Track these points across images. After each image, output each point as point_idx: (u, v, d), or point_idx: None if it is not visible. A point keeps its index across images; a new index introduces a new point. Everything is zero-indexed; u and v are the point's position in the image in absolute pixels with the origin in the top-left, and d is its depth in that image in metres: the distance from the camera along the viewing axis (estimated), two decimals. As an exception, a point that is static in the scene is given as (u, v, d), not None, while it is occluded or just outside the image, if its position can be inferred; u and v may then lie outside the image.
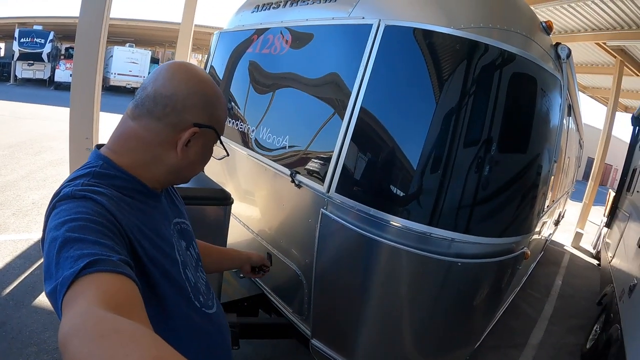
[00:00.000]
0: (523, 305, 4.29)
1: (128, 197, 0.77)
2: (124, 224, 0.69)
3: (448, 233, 1.54)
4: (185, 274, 0.84)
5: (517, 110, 1.65)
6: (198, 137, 0.82)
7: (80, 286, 0.53)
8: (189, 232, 0.98)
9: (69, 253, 0.57)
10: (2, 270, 3.25)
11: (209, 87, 0.84)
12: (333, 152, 1.72)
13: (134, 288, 0.57)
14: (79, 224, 0.62)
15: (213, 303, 0.96)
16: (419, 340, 1.86)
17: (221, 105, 0.86)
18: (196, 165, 0.87)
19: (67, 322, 0.47)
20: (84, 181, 0.73)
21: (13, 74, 21.86)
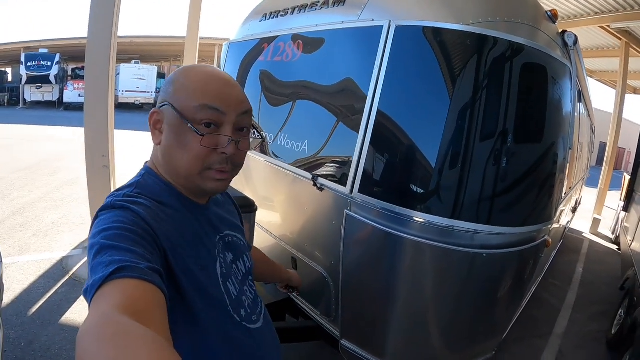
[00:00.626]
0: (545, 294, 4.27)
1: (166, 206, 0.79)
2: (159, 234, 0.71)
3: (471, 225, 1.57)
4: (225, 286, 0.84)
5: (530, 101, 1.68)
6: (162, 120, 0.80)
7: (105, 290, 0.56)
8: (238, 246, 0.97)
9: (102, 259, 0.60)
10: (26, 290, 3.32)
11: (179, 70, 0.83)
12: (353, 154, 1.76)
13: (158, 296, 0.59)
14: (114, 232, 0.65)
15: (259, 319, 0.94)
16: (448, 335, 1.87)
17: (178, 81, 0.79)
18: (172, 150, 0.79)
19: (86, 322, 0.50)
20: (126, 192, 0.77)
21: (22, 97, 22.23)
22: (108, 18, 3.55)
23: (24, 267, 3.72)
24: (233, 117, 0.79)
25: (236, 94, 0.80)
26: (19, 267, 3.71)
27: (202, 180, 0.80)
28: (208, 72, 0.80)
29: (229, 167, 0.81)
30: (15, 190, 6.07)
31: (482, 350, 2.10)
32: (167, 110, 0.78)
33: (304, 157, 2.09)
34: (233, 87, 0.81)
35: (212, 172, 0.80)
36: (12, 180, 6.57)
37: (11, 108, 21.06)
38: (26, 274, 3.58)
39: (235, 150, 0.80)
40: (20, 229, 4.62)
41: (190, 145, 0.76)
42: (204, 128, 0.76)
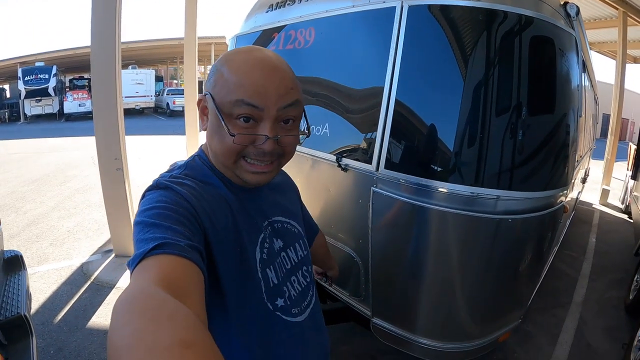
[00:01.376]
0: (562, 265, 4.32)
1: (211, 187, 0.80)
2: (201, 213, 0.72)
3: (493, 191, 1.62)
4: (264, 272, 0.83)
5: (542, 71, 1.71)
6: (206, 106, 0.80)
7: (144, 265, 0.57)
8: (291, 233, 0.96)
9: (145, 236, 0.62)
10: (50, 299, 3.36)
11: (224, 55, 0.80)
12: (376, 132, 1.80)
13: (195, 273, 0.59)
14: (157, 211, 0.67)
15: (302, 312, 0.91)
16: (476, 305, 1.92)
17: (225, 70, 0.75)
18: (212, 138, 0.78)
19: (123, 293, 0.50)
20: (174, 173, 0.79)
21: (22, 112, 22.26)
22: (111, 23, 3.59)
23: (44, 276, 3.76)
24: (273, 112, 0.74)
25: (277, 85, 0.74)
26: (40, 276, 3.75)
27: (239, 171, 0.79)
28: (250, 62, 0.74)
29: (268, 158, 0.78)
30: (27, 202, 6.12)
31: (509, 319, 2.15)
32: (209, 100, 0.77)
33: (326, 140, 2.13)
34: (276, 76, 0.75)
35: (248, 163, 0.78)
36: (23, 193, 6.63)
37: (12, 124, 21.10)
38: (48, 283, 3.63)
39: (275, 146, 0.77)
40: (36, 239, 4.67)
41: (226, 139, 0.75)
42: (241, 123, 0.74)
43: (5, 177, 7.85)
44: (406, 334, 1.97)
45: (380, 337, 2.08)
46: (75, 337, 2.81)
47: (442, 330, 1.94)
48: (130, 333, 0.42)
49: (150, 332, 0.42)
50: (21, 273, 2.34)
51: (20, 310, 1.93)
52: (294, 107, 0.78)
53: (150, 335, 0.41)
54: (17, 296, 2.08)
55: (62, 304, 3.29)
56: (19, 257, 2.47)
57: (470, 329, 1.98)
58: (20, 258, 2.46)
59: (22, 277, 2.29)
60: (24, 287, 2.19)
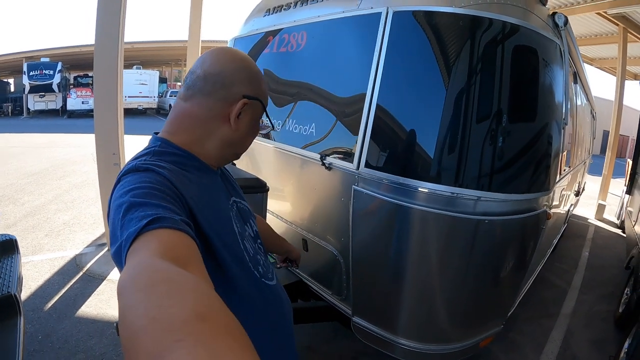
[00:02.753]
0: (552, 277, 4.34)
1: (186, 171, 0.82)
2: (185, 194, 0.73)
3: (473, 192, 1.65)
4: (243, 244, 0.88)
5: (526, 78, 1.76)
6: (247, 109, 0.87)
7: (142, 241, 0.56)
8: (246, 211, 1.03)
9: (133, 215, 0.60)
10: (42, 287, 3.40)
11: (252, 64, 0.91)
12: (358, 131, 1.84)
13: (193, 244, 0.60)
14: (142, 191, 0.66)
15: (273, 276, 0.99)
16: (457, 307, 1.94)
17: (263, 80, 0.92)
18: (247, 137, 0.93)
19: (125, 271, 0.49)
20: (146, 158, 0.79)
21: (26, 107, 22.36)
22: (114, 23, 3.65)
23: (38, 265, 3.81)
24: None
25: None
26: (34, 265, 3.80)
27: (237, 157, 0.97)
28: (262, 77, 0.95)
29: None
30: (26, 194, 6.16)
31: (491, 325, 2.17)
32: (257, 105, 0.90)
33: (311, 139, 2.17)
34: None
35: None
36: (22, 186, 6.67)
37: (15, 118, 21.20)
38: (41, 272, 3.67)
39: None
40: (32, 230, 4.71)
41: (257, 132, 0.95)
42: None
43: (5, 170, 7.89)
44: (386, 335, 1.99)
45: (360, 337, 2.10)
46: (64, 325, 2.85)
47: (422, 331, 1.96)
48: (143, 313, 0.40)
49: (165, 308, 0.40)
50: (14, 256, 2.39)
51: (11, 290, 1.97)
52: None
53: (164, 312, 0.40)
54: (9, 277, 2.11)
55: (53, 292, 3.33)
56: (14, 240, 2.51)
57: (450, 331, 2.00)
58: (14, 242, 2.50)
59: (15, 260, 2.33)
60: (17, 269, 2.23)
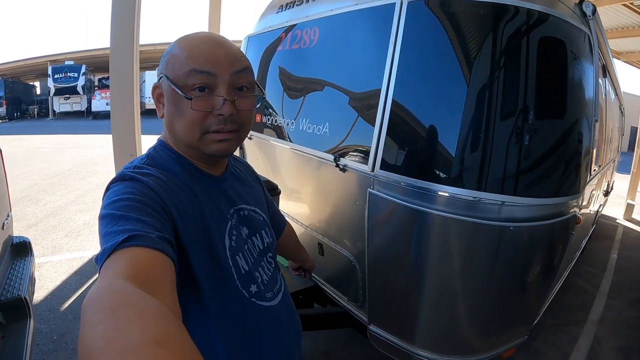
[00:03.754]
0: (579, 281, 4.16)
1: (176, 177, 0.80)
2: (168, 203, 0.72)
3: (497, 196, 1.53)
4: (234, 259, 0.84)
5: (553, 70, 1.63)
6: (162, 92, 0.81)
7: (114, 259, 0.55)
8: (256, 220, 0.96)
9: (113, 229, 0.60)
10: (60, 287, 3.47)
11: (174, 44, 0.81)
12: (373, 130, 1.75)
13: (167, 266, 0.59)
14: (124, 203, 0.66)
15: (275, 296, 0.93)
16: (478, 317, 1.83)
17: (175, 49, 0.79)
18: (172, 120, 0.80)
19: (92, 290, 0.49)
20: (137, 164, 0.79)
21: (51, 109, 23.05)
22: (129, 26, 3.66)
23: (56, 265, 3.88)
24: (227, 77, 0.77)
25: (227, 53, 0.78)
26: (52, 265, 3.87)
27: (203, 145, 0.80)
28: (198, 38, 0.79)
29: (229, 127, 0.79)
30: (48, 195, 6.31)
31: (514, 335, 2.05)
32: (163, 82, 0.79)
33: (325, 140, 2.09)
34: (224, 47, 0.79)
35: (211, 134, 0.79)
36: (44, 186, 6.84)
37: (41, 119, 21.88)
38: (59, 272, 3.74)
39: (233, 110, 0.78)
40: (52, 230, 4.81)
41: (185, 112, 0.76)
42: (196, 92, 0.76)
43: (29, 170, 8.11)
44: (404, 344, 1.90)
45: (377, 346, 2.02)
46: (79, 325, 2.86)
47: (441, 342, 1.86)
48: (101, 335, 0.40)
49: (122, 332, 0.40)
50: (28, 258, 2.42)
51: (21, 292, 1.98)
52: (246, 73, 0.81)
53: (122, 336, 0.40)
54: (20, 279, 2.14)
55: (70, 293, 3.38)
56: (27, 243, 2.54)
57: (471, 342, 1.89)
58: (28, 244, 2.54)
59: (28, 262, 2.36)
60: (29, 271, 2.25)
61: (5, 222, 2.28)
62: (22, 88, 25.76)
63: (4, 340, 1.70)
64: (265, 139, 2.74)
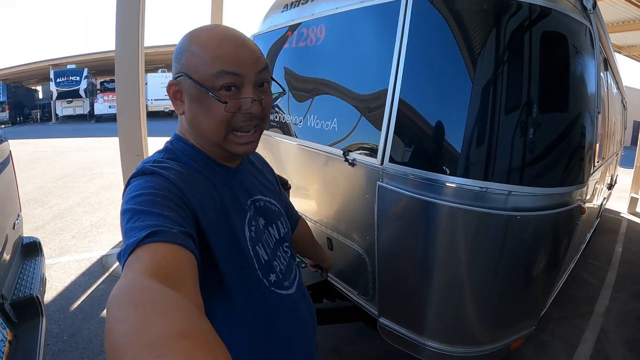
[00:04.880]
0: (584, 274, 4.18)
1: (195, 170, 0.81)
2: (190, 197, 0.72)
3: (504, 186, 1.56)
4: (254, 249, 0.85)
5: (557, 62, 1.66)
6: (181, 90, 0.81)
7: (137, 255, 0.56)
8: (272, 211, 0.97)
9: (135, 224, 0.61)
10: (68, 288, 3.50)
11: (183, 38, 0.81)
12: (382, 124, 1.78)
13: (189, 260, 0.60)
14: (146, 198, 0.66)
15: (292, 284, 0.95)
16: (487, 307, 1.86)
17: (189, 51, 0.78)
18: (198, 118, 0.80)
19: (116, 287, 0.50)
20: (156, 158, 0.80)
21: (54, 113, 23.09)
22: (134, 29, 3.70)
23: (65, 266, 3.92)
24: (252, 77, 0.78)
25: (251, 53, 0.79)
26: (61, 266, 3.90)
27: (229, 145, 0.81)
28: (218, 35, 0.78)
29: (254, 122, 0.81)
30: (54, 197, 6.34)
31: (522, 326, 2.08)
32: (184, 80, 0.78)
33: (334, 135, 2.12)
34: (247, 46, 0.79)
35: (237, 136, 0.81)
36: (50, 189, 6.87)
37: (44, 124, 21.92)
38: (67, 273, 3.77)
39: (260, 108, 0.80)
40: (60, 232, 4.84)
41: (214, 112, 0.77)
42: (224, 92, 0.76)
43: (34, 174, 8.14)
44: (413, 336, 1.92)
45: (387, 338, 2.05)
46: (89, 325, 2.90)
47: (450, 333, 1.89)
48: (127, 330, 0.41)
49: (148, 327, 0.41)
50: (38, 258, 2.43)
51: (33, 291, 2.00)
52: (266, 71, 0.82)
53: (147, 330, 0.40)
54: (32, 279, 2.15)
55: (79, 293, 3.40)
56: (37, 243, 2.56)
57: (480, 333, 1.92)
58: (38, 244, 2.56)
59: (38, 262, 2.38)
60: (39, 271, 2.27)
61: (16, 222, 2.30)
62: (24, 92, 25.82)
63: (17, 339, 1.71)
64: (275, 137, 2.77)
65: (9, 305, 1.85)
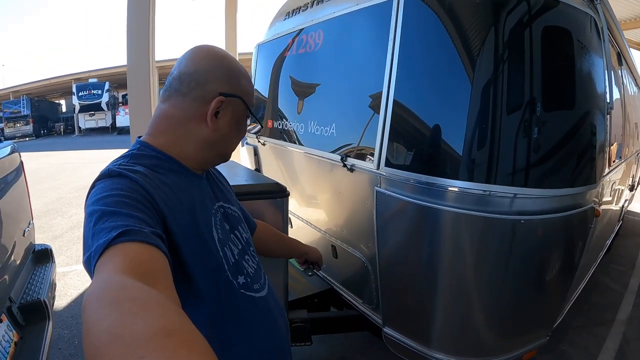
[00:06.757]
0: (606, 280, 4.01)
1: (163, 174, 0.80)
2: (158, 200, 0.72)
3: (508, 189, 1.49)
4: (223, 251, 0.86)
5: (561, 57, 1.58)
6: (226, 107, 0.85)
7: (110, 254, 0.55)
8: (234, 217, 1.00)
9: (104, 225, 0.60)
10: (82, 295, 3.57)
11: (229, 60, 0.87)
12: (377, 127, 1.73)
13: (162, 259, 0.59)
14: (114, 199, 0.65)
15: (262, 287, 0.96)
16: (495, 317, 1.78)
17: (244, 77, 0.89)
18: (230, 138, 0.90)
19: (91, 287, 0.48)
20: (121, 162, 0.79)
21: (77, 125, 23.79)
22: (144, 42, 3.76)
23: (80, 274, 4.01)
24: None
25: None
26: (76, 274, 4.01)
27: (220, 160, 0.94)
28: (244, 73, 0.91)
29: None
30: (73, 207, 6.50)
31: (534, 336, 1.98)
32: (237, 103, 0.87)
33: (333, 141, 2.09)
34: None
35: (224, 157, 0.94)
36: (70, 199, 7.05)
37: (67, 136, 22.58)
38: (82, 280, 3.87)
39: None
40: (77, 241, 4.94)
41: (241, 135, 0.92)
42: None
43: (56, 185, 8.38)
44: (419, 347, 1.85)
45: (392, 349, 1.98)
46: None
47: (457, 344, 1.80)
48: (107, 329, 0.40)
49: (129, 325, 0.40)
50: (49, 265, 2.49)
51: (40, 296, 2.04)
52: None
53: (128, 329, 0.40)
54: (41, 284, 2.20)
55: (92, 300, 3.47)
56: (49, 250, 2.62)
57: (489, 344, 1.83)
58: (49, 251, 2.61)
59: (49, 268, 2.43)
60: (49, 277, 2.32)
61: (26, 229, 2.36)
62: (47, 106, 26.70)
63: (22, 341, 1.76)
64: (277, 144, 2.76)
65: (17, 308, 1.90)
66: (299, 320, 2.07)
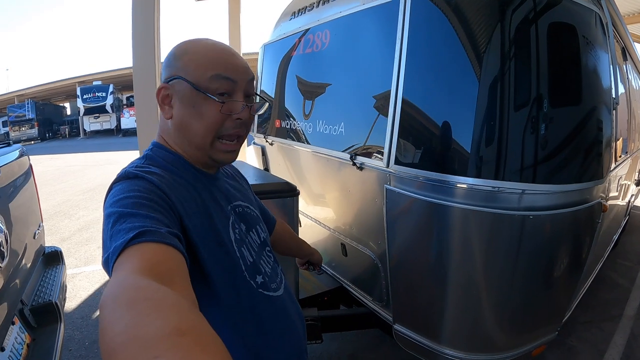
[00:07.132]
0: (613, 275, 4.00)
1: (177, 175, 0.82)
2: (174, 200, 0.73)
3: (517, 185, 1.50)
4: (240, 251, 0.86)
5: (566, 53, 1.59)
6: (173, 92, 0.82)
7: (127, 255, 0.56)
8: (251, 216, 0.99)
9: (122, 226, 0.61)
10: (91, 296, 3.61)
11: (180, 45, 0.84)
12: (386, 126, 1.75)
13: (179, 258, 0.60)
14: (131, 200, 0.67)
15: (279, 287, 0.96)
16: (505, 313, 1.79)
17: (192, 52, 0.81)
18: (187, 122, 0.81)
19: (108, 287, 0.49)
20: (137, 163, 0.81)
21: (82, 128, 23.88)
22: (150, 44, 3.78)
23: (89, 275, 4.05)
24: (243, 84, 0.83)
25: (243, 63, 0.84)
26: (85, 275, 4.04)
27: (213, 151, 0.84)
28: (214, 44, 0.83)
29: (242, 130, 0.85)
30: (80, 209, 6.54)
31: (544, 331, 1.99)
32: (178, 83, 0.80)
33: (342, 140, 2.11)
34: (239, 56, 0.84)
35: (222, 144, 0.84)
36: (77, 202, 7.09)
37: (72, 139, 22.68)
38: (91, 282, 3.90)
39: (249, 115, 0.85)
40: (85, 242, 4.98)
41: (207, 114, 0.79)
42: (219, 97, 0.80)
43: (63, 187, 8.43)
44: (429, 343, 1.87)
45: (402, 345, 2.00)
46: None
47: (467, 340, 1.82)
48: (122, 330, 0.41)
49: (143, 326, 0.41)
50: (59, 267, 2.52)
51: (52, 298, 2.06)
52: (253, 81, 0.87)
53: (143, 329, 0.40)
54: (52, 286, 2.23)
55: (102, 301, 3.51)
56: (59, 252, 2.65)
57: (498, 340, 1.84)
58: (59, 254, 2.64)
59: (59, 270, 2.46)
60: (60, 279, 2.34)
61: (36, 232, 2.38)
62: (52, 109, 26.82)
63: (35, 343, 1.78)
64: (285, 143, 2.78)
65: (29, 311, 1.92)
66: (309, 319, 2.09)
